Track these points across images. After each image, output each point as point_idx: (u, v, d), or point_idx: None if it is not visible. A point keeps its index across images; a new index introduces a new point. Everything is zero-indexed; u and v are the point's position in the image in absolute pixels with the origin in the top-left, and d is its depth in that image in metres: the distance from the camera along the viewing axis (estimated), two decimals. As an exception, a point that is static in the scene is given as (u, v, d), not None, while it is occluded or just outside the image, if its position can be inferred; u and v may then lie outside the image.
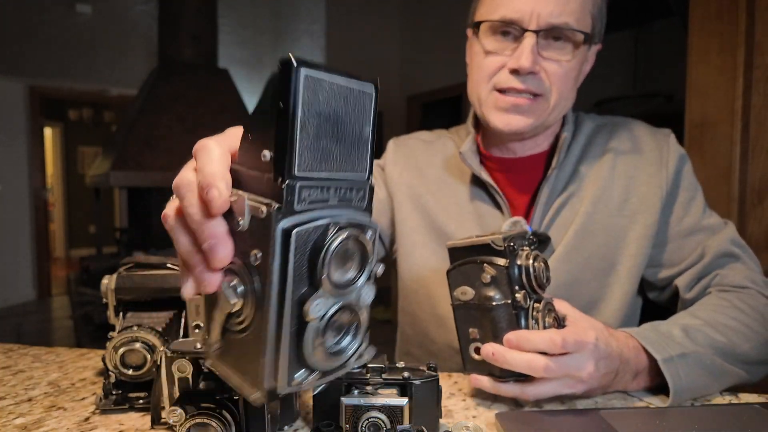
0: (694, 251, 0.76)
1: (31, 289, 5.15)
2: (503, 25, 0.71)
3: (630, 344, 0.60)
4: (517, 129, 0.74)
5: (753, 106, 1.27)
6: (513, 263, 0.55)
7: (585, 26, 0.72)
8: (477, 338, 0.58)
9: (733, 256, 0.74)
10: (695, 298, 0.74)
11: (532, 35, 0.69)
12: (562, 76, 0.72)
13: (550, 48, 0.71)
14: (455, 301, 0.59)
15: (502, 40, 0.72)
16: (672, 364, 0.58)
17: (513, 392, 0.56)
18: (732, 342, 0.64)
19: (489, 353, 0.55)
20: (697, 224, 0.76)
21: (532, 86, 0.71)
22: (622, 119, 0.85)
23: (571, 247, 0.76)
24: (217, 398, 0.45)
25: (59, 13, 4.81)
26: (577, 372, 0.54)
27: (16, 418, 0.56)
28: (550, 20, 0.69)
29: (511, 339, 0.54)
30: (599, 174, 0.78)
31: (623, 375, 0.59)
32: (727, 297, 0.70)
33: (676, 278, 0.77)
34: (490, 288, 0.56)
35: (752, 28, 1.25)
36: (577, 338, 0.54)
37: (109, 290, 0.62)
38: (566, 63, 0.72)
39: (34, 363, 0.74)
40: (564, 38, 0.71)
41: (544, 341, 0.53)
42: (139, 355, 0.56)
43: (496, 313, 0.56)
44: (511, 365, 0.54)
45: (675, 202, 0.78)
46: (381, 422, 0.46)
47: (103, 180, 3.88)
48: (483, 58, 0.74)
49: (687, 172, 0.79)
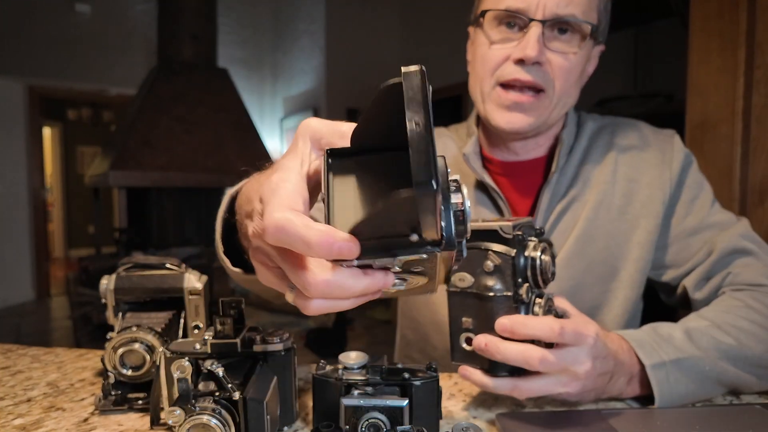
0: (701, 250, 0.73)
1: (30, 290, 5.15)
2: (508, 15, 0.69)
3: (624, 347, 0.57)
4: (518, 128, 0.72)
5: (754, 106, 1.26)
6: (520, 253, 0.52)
7: (592, 19, 0.70)
8: (470, 328, 0.54)
9: (744, 252, 0.71)
10: (707, 298, 0.71)
11: (538, 25, 0.67)
12: (567, 69, 0.70)
13: (556, 40, 0.70)
14: (451, 287, 0.55)
15: (507, 32, 0.71)
16: (661, 370, 0.56)
17: (504, 388, 0.52)
18: (742, 344, 0.60)
19: (481, 344, 0.51)
20: (702, 222, 0.74)
21: (536, 77, 0.69)
22: (624, 120, 0.84)
23: (572, 253, 0.75)
24: (217, 399, 0.44)
25: (58, 12, 4.81)
26: (574, 367, 0.51)
27: (15, 418, 0.55)
28: (557, 11, 0.67)
29: (504, 323, 0.50)
30: (601, 177, 0.77)
31: (618, 378, 0.56)
32: (740, 296, 0.66)
33: (684, 279, 0.75)
34: (491, 277, 0.53)
35: (753, 27, 1.25)
36: (576, 329, 0.51)
37: (108, 290, 0.62)
38: (573, 56, 0.70)
39: (33, 363, 0.74)
40: (570, 31, 0.70)
41: (542, 327, 0.49)
42: (139, 356, 0.56)
43: (495, 304, 0.52)
44: (505, 356, 0.50)
45: (677, 202, 0.76)
46: (381, 423, 0.46)
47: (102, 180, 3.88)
48: (487, 49, 0.72)
49: (692, 172, 0.77)
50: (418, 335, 0.86)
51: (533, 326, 0.50)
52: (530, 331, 0.50)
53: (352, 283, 0.30)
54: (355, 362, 0.50)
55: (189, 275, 0.63)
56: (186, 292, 0.62)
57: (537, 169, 0.80)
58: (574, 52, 0.70)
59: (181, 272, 0.63)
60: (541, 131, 0.77)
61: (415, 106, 0.26)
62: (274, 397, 0.49)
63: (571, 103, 0.76)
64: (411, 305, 0.86)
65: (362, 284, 0.30)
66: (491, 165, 0.82)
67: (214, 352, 0.49)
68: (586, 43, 0.71)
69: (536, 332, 0.50)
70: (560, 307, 0.57)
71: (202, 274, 0.66)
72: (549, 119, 0.74)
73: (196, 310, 0.63)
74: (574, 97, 0.75)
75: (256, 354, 0.50)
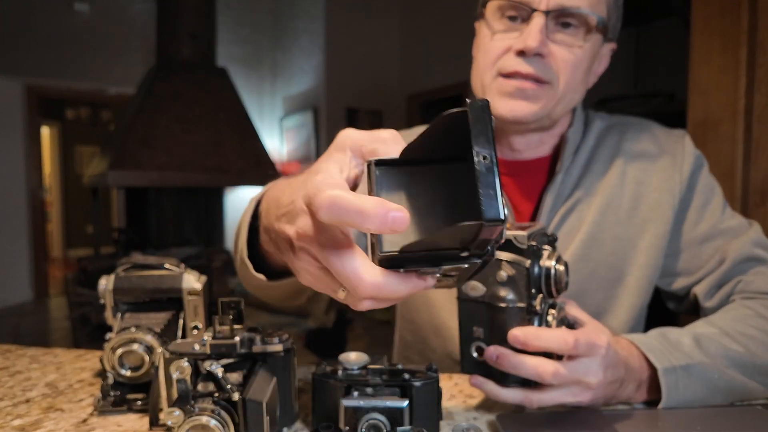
0: (712, 258, 0.71)
1: (29, 290, 5.14)
2: (511, 6, 0.67)
3: (633, 352, 0.56)
4: (521, 116, 0.69)
5: (756, 106, 1.26)
6: (534, 263, 0.51)
7: (600, 12, 0.67)
8: (481, 338, 0.54)
9: (757, 260, 0.69)
10: (717, 307, 0.70)
11: (540, 15, 0.65)
12: (572, 63, 0.68)
13: (560, 33, 0.67)
14: (462, 295, 0.55)
15: (510, 23, 0.69)
16: (672, 375, 0.55)
17: (516, 398, 0.53)
18: (751, 352, 0.59)
19: (493, 356, 0.51)
20: (713, 229, 0.72)
21: (538, 70, 0.66)
22: (634, 119, 0.81)
23: (577, 257, 0.73)
24: (216, 399, 0.44)
25: (57, 11, 4.80)
26: (586, 378, 0.50)
27: (13, 419, 0.55)
28: (562, 2, 0.65)
29: (517, 335, 0.50)
30: (608, 179, 0.75)
31: (627, 384, 0.55)
32: (752, 305, 0.65)
33: (694, 287, 0.73)
34: (504, 288, 0.52)
35: (755, 26, 1.24)
36: (590, 341, 0.50)
37: (107, 291, 0.62)
38: (578, 49, 0.67)
39: (32, 364, 0.74)
40: (575, 24, 0.67)
41: (555, 340, 0.49)
42: (137, 356, 0.55)
43: (508, 315, 0.52)
44: (518, 370, 0.50)
45: (689, 207, 0.74)
46: (381, 424, 0.46)
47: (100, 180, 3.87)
48: (489, 41, 0.70)
49: (703, 175, 0.75)
50: (417, 338, 0.85)
51: (546, 339, 0.50)
52: (544, 344, 0.50)
53: (398, 286, 0.31)
54: (355, 363, 0.50)
55: (188, 275, 0.63)
56: (185, 292, 0.62)
57: (541, 169, 0.78)
58: (580, 46, 0.67)
59: (180, 273, 0.63)
60: (544, 126, 0.74)
61: (482, 140, 0.27)
62: (274, 397, 0.49)
63: (577, 100, 0.74)
64: (410, 308, 0.85)
65: (408, 288, 0.32)
66: None
67: (214, 353, 0.48)
68: (593, 36, 0.68)
69: (550, 345, 0.50)
70: (571, 315, 0.56)
71: (201, 274, 0.65)
72: (553, 113, 0.71)
73: (195, 311, 0.63)
74: (580, 93, 0.73)
75: (256, 355, 0.50)
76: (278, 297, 0.67)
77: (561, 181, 0.75)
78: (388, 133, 0.35)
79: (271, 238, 0.44)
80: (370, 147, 0.34)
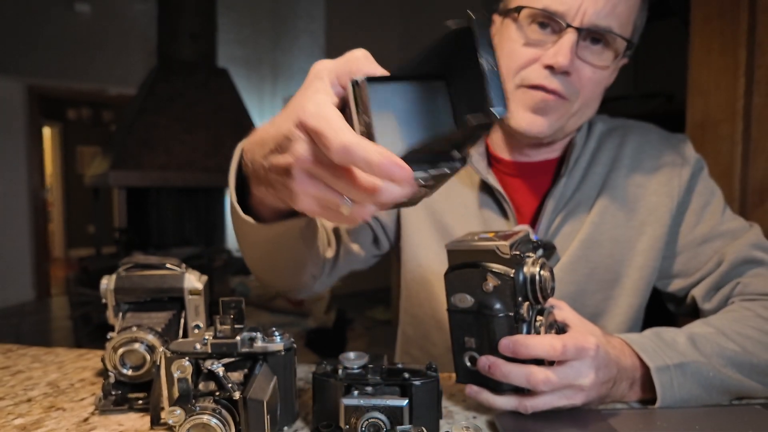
0: (711, 259, 0.72)
1: (30, 290, 5.14)
2: (544, 16, 0.66)
3: (626, 351, 0.57)
4: (538, 132, 0.70)
5: (754, 106, 1.26)
6: (519, 272, 0.51)
7: (626, 33, 0.67)
8: (473, 347, 0.55)
9: (755, 262, 0.69)
10: (715, 309, 0.70)
11: (573, 32, 0.64)
12: (594, 82, 0.68)
13: (588, 50, 0.67)
14: (452, 306, 0.55)
15: (540, 32, 0.67)
16: (665, 373, 0.55)
17: (510, 405, 0.53)
18: (747, 351, 0.60)
19: (485, 366, 0.52)
20: (712, 231, 0.72)
21: (562, 87, 0.67)
22: (635, 123, 0.81)
23: (576, 258, 0.74)
24: (217, 399, 0.44)
25: (58, 12, 4.81)
26: (578, 381, 0.51)
27: (15, 418, 0.55)
28: (596, 21, 0.64)
29: (507, 344, 0.51)
30: (608, 182, 0.75)
31: (620, 383, 0.56)
32: (751, 306, 0.66)
33: (693, 289, 0.74)
34: (491, 297, 0.52)
35: (754, 27, 1.24)
36: (577, 344, 0.51)
37: (109, 290, 0.62)
38: (602, 70, 0.67)
39: (33, 363, 0.74)
40: (604, 43, 0.67)
41: (543, 347, 0.50)
42: (139, 356, 0.56)
43: (497, 324, 0.52)
44: (510, 379, 0.51)
45: (687, 210, 0.74)
46: (381, 423, 0.46)
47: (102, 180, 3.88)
48: (518, 46, 0.69)
49: (702, 178, 0.75)
50: (419, 332, 0.86)
51: (535, 346, 0.50)
52: (532, 351, 0.51)
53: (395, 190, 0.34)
54: (355, 362, 0.50)
55: (189, 275, 0.63)
56: (186, 292, 0.62)
57: (548, 171, 0.78)
58: (605, 66, 0.68)
59: (182, 272, 0.63)
60: (556, 138, 0.75)
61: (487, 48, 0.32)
62: (275, 396, 0.49)
63: (590, 114, 0.74)
64: (413, 302, 0.86)
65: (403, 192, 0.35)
66: (500, 165, 0.80)
67: (215, 352, 0.49)
68: (618, 61, 0.69)
69: (538, 352, 0.51)
70: (560, 320, 0.57)
71: (202, 274, 0.66)
72: (566, 126, 0.72)
73: (196, 310, 0.63)
74: (593, 108, 0.73)
75: (257, 354, 0.50)
76: (270, 252, 0.65)
77: (564, 183, 0.75)
78: (360, 52, 0.37)
79: (261, 180, 0.45)
80: (346, 69, 0.37)
